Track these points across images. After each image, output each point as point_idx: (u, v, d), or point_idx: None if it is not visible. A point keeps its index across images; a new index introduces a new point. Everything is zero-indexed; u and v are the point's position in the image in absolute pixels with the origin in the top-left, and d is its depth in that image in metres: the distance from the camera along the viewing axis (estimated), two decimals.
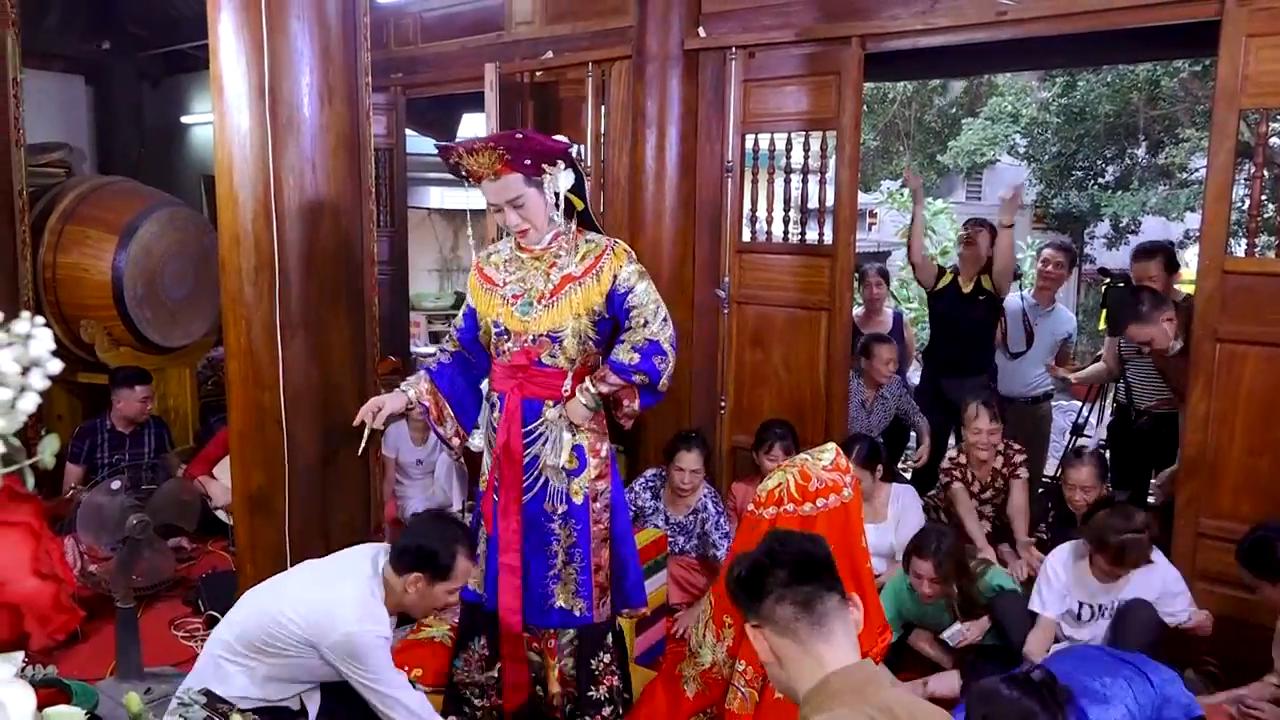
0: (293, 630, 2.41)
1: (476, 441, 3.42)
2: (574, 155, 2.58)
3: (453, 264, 11.96)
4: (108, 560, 3.63)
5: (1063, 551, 3.35)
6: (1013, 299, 4.88)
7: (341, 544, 2.95)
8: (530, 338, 2.66)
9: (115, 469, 4.40)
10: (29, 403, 0.58)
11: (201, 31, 3.23)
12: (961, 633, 3.35)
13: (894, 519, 3.88)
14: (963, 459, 4.15)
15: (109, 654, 3.42)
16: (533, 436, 2.72)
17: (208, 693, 1.72)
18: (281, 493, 3.23)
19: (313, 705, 2.51)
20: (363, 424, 2.74)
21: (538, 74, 5.29)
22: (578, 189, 2.65)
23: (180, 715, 1.54)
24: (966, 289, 4.75)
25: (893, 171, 13.63)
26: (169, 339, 5.43)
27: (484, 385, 2.95)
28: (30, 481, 0.64)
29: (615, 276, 2.63)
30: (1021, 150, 12.68)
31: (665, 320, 2.66)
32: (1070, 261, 5.08)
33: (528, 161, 2.52)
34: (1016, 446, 4.11)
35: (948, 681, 3.29)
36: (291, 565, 3.18)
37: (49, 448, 0.62)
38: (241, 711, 1.78)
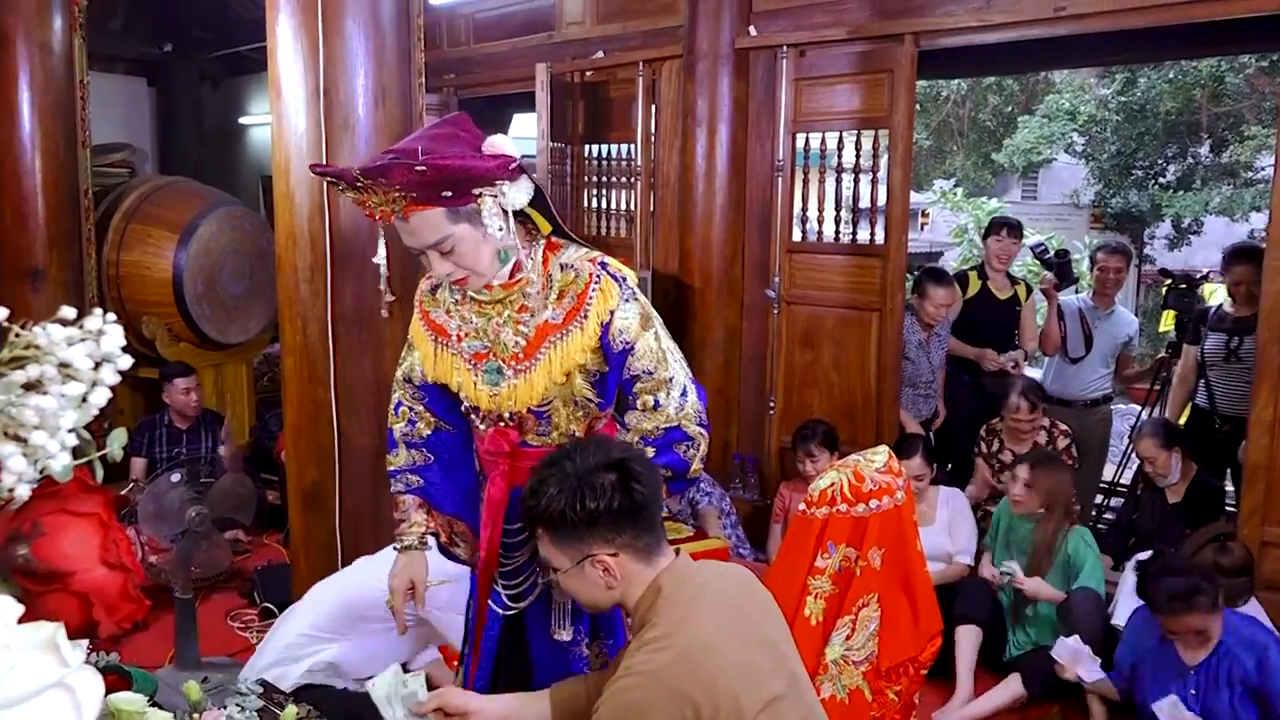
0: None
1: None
2: (514, 163, 1.71)
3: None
4: (167, 551, 3.71)
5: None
6: (1070, 301, 4.78)
7: (391, 539, 2.98)
8: (506, 416, 1.91)
9: (176, 462, 4.50)
10: (100, 397, 0.59)
11: (260, 34, 3.29)
12: (1013, 571, 3.37)
13: (945, 522, 3.83)
14: (1000, 426, 4.23)
15: (168, 643, 3.49)
16: (524, 536, 1.95)
17: (264, 683, 1.76)
18: (333, 488, 3.28)
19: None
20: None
21: (588, 74, 5.31)
22: (538, 202, 1.83)
23: (237, 704, 1.57)
24: (1003, 295, 4.70)
25: (945, 171, 13.46)
26: (226, 335, 5.55)
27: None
28: (100, 474, 0.66)
29: (606, 325, 1.81)
30: (1079, 149, 12.45)
31: (685, 390, 1.87)
32: (1127, 263, 4.96)
33: (447, 194, 1.70)
34: (1063, 428, 4.16)
35: (1011, 689, 3.25)
36: (342, 559, 3.23)
37: (117, 440, 0.64)
38: (297, 702, 1.81)
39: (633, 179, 5.18)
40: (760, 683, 1.47)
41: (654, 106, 4.95)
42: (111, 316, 0.59)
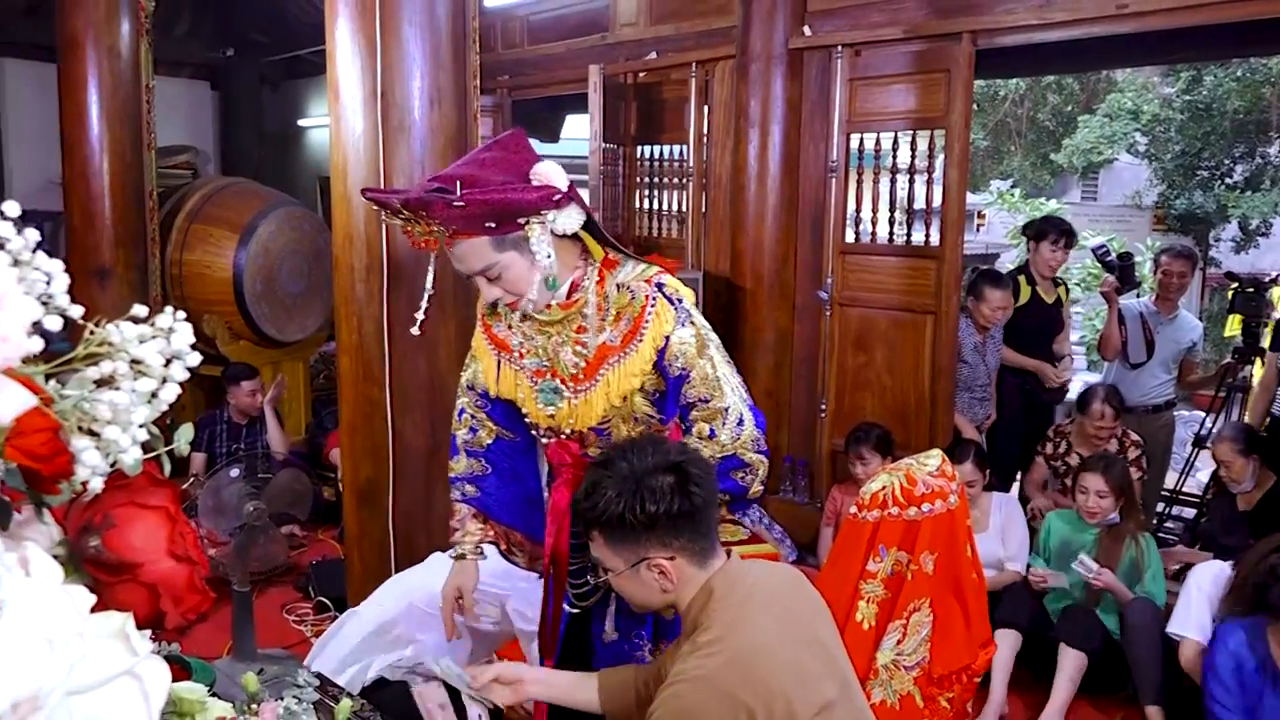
0: (486, 589, 2.44)
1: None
2: (564, 194, 1.68)
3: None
4: (225, 545, 3.79)
5: (1207, 571, 3.14)
6: (1131, 305, 4.68)
7: (443, 536, 3.01)
8: (566, 432, 1.92)
9: (235, 458, 4.60)
10: (170, 393, 0.61)
11: (319, 37, 3.35)
12: (1093, 568, 3.29)
13: (998, 528, 3.77)
14: (1069, 427, 4.13)
15: (225, 634, 3.55)
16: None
17: (320, 676, 1.79)
18: (387, 485, 3.32)
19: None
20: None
21: (641, 75, 5.31)
22: (589, 227, 1.80)
23: (294, 696, 1.60)
24: (1049, 299, 4.61)
25: (1003, 171, 13.24)
26: (284, 333, 5.65)
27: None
28: (168, 468, 0.67)
29: (661, 350, 1.79)
30: (1142, 148, 12.16)
31: (741, 419, 1.84)
32: (1192, 267, 4.83)
33: (490, 224, 1.68)
34: (1135, 438, 4.07)
35: (1069, 659, 3.19)
36: (395, 556, 3.27)
37: (184, 436, 0.66)
38: (352, 696, 1.84)
39: (685, 180, 5.17)
40: (813, 686, 1.46)
41: (707, 107, 4.94)
42: (181, 314, 0.61)
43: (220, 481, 3.67)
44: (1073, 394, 4.77)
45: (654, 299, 1.79)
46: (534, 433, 1.99)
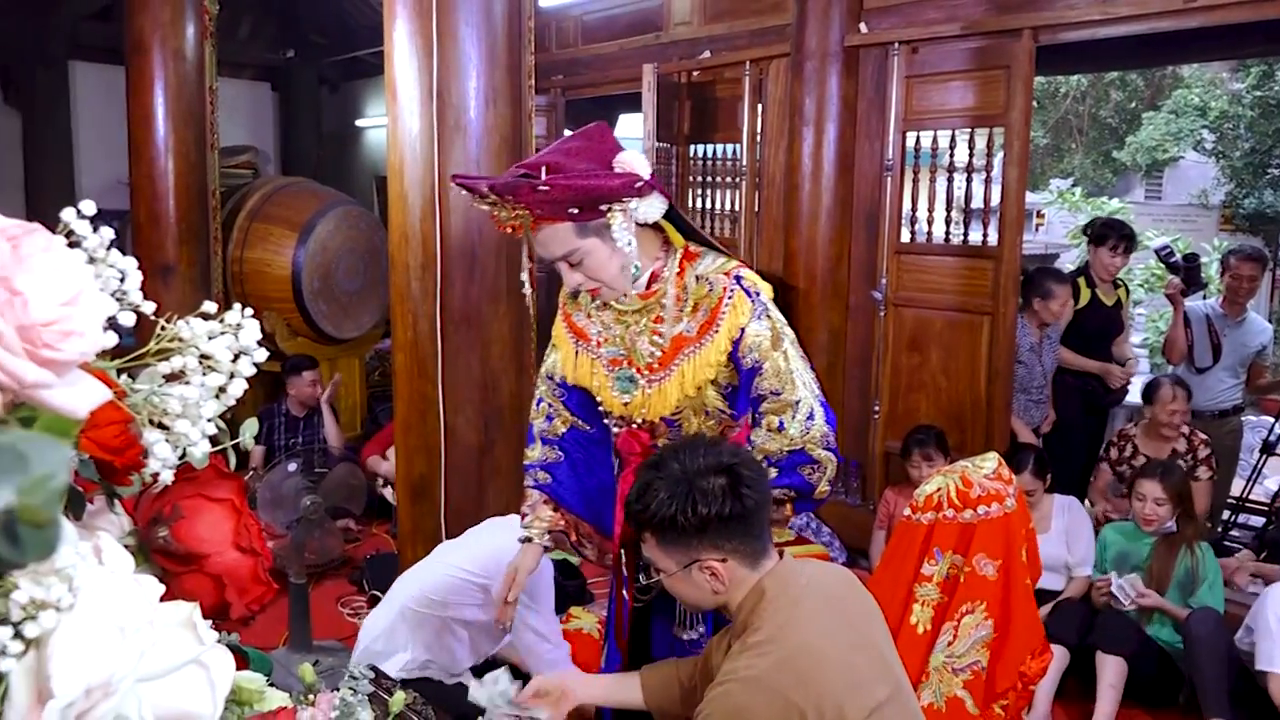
0: (470, 580, 2.50)
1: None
2: (645, 185, 1.71)
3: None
4: (283, 538, 3.86)
5: None
6: (1196, 307, 4.56)
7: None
8: (638, 421, 1.94)
9: (292, 451, 4.68)
10: (238, 387, 0.62)
11: (377, 39, 3.40)
12: (1134, 586, 3.21)
13: (1060, 531, 3.68)
14: (1134, 430, 4.02)
15: (281, 626, 3.64)
16: None
17: (374, 668, 1.82)
18: (439, 481, 3.36)
19: None
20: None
21: (694, 74, 5.30)
22: (671, 216, 1.86)
23: (350, 688, 1.62)
24: (1109, 301, 4.51)
25: (1062, 170, 12.98)
26: (341, 330, 5.75)
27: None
28: (234, 461, 0.69)
29: (736, 342, 1.81)
30: (1209, 146, 11.84)
31: (812, 414, 1.83)
32: (1262, 269, 4.69)
33: (574, 210, 1.72)
34: (1203, 437, 3.96)
35: (1109, 666, 3.11)
36: None
37: (249, 430, 0.67)
38: (405, 688, 1.87)
39: (738, 179, 5.16)
40: (864, 689, 1.45)
41: (760, 106, 4.92)
42: (249, 311, 0.62)
43: (278, 475, 3.74)
44: (1133, 398, 4.67)
45: (731, 291, 1.81)
46: (606, 421, 2.01)
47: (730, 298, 1.81)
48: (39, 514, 0.35)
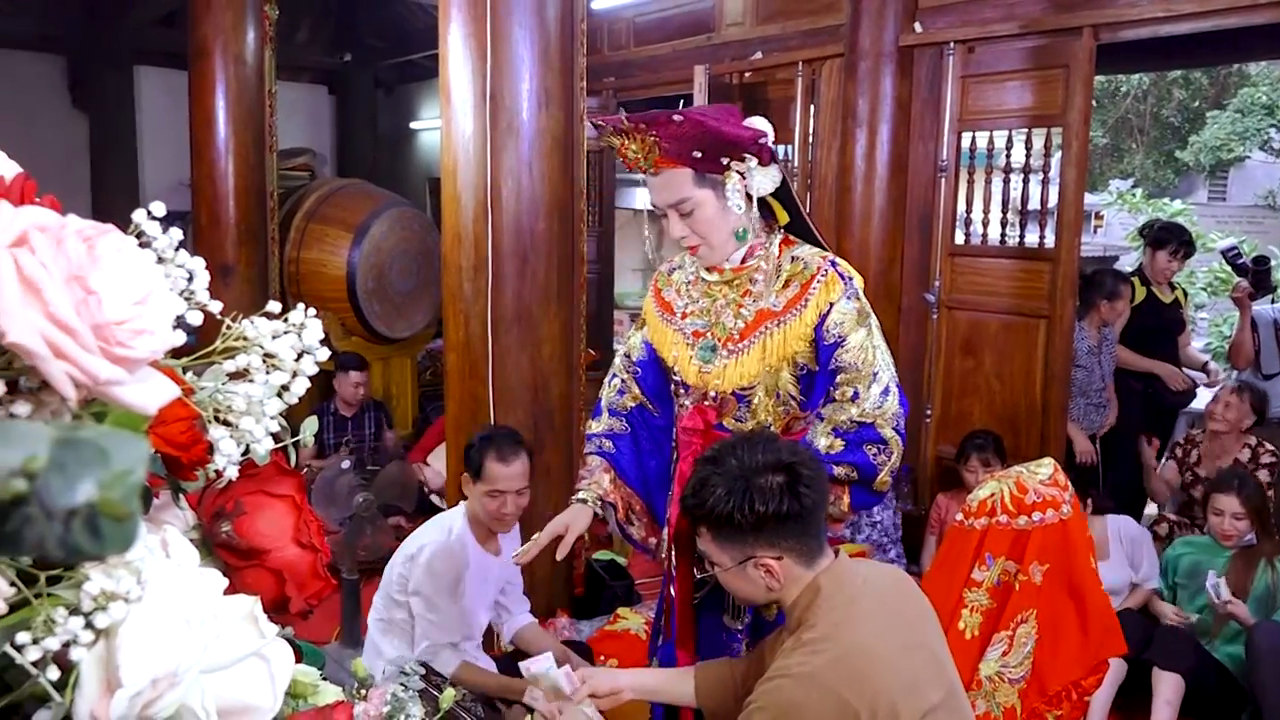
0: (400, 572, 2.56)
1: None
2: (769, 146, 1.82)
3: (657, 264, 12.17)
4: (335, 534, 3.93)
5: None
6: (1264, 311, 4.43)
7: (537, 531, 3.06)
8: (710, 395, 1.95)
9: (344, 448, 4.75)
10: (300, 386, 0.63)
11: (432, 42, 3.43)
12: (1224, 593, 3.09)
13: (1123, 557, 3.52)
14: (1199, 435, 3.95)
15: (333, 621, 3.69)
16: None
17: (425, 664, 1.84)
18: None
19: None
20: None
21: (746, 75, 5.28)
22: (782, 195, 1.94)
23: (401, 683, 1.64)
24: (1167, 300, 4.40)
25: (1122, 170, 12.70)
26: (393, 330, 5.82)
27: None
28: (293, 458, 0.70)
29: (824, 315, 1.86)
30: (1277, 145, 11.51)
31: (887, 390, 1.86)
32: None
33: (697, 154, 1.78)
34: (1270, 447, 3.85)
35: (1165, 682, 3.02)
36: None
37: (309, 428, 0.68)
38: (454, 686, 1.89)
39: (789, 180, 5.12)
40: (918, 691, 1.43)
41: (813, 107, 4.88)
42: (312, 311, 0.63)
43: (331, 473, 3.81)
44: (1199, 403, 4.55)
45: (825, 270, 1.88)
46: (679, 397, 2.03)
47: (824, 276, 1.87)
48: (119, 508, 0.36)
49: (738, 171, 1.79)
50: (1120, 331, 4.36)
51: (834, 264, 1.90)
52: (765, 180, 1.83)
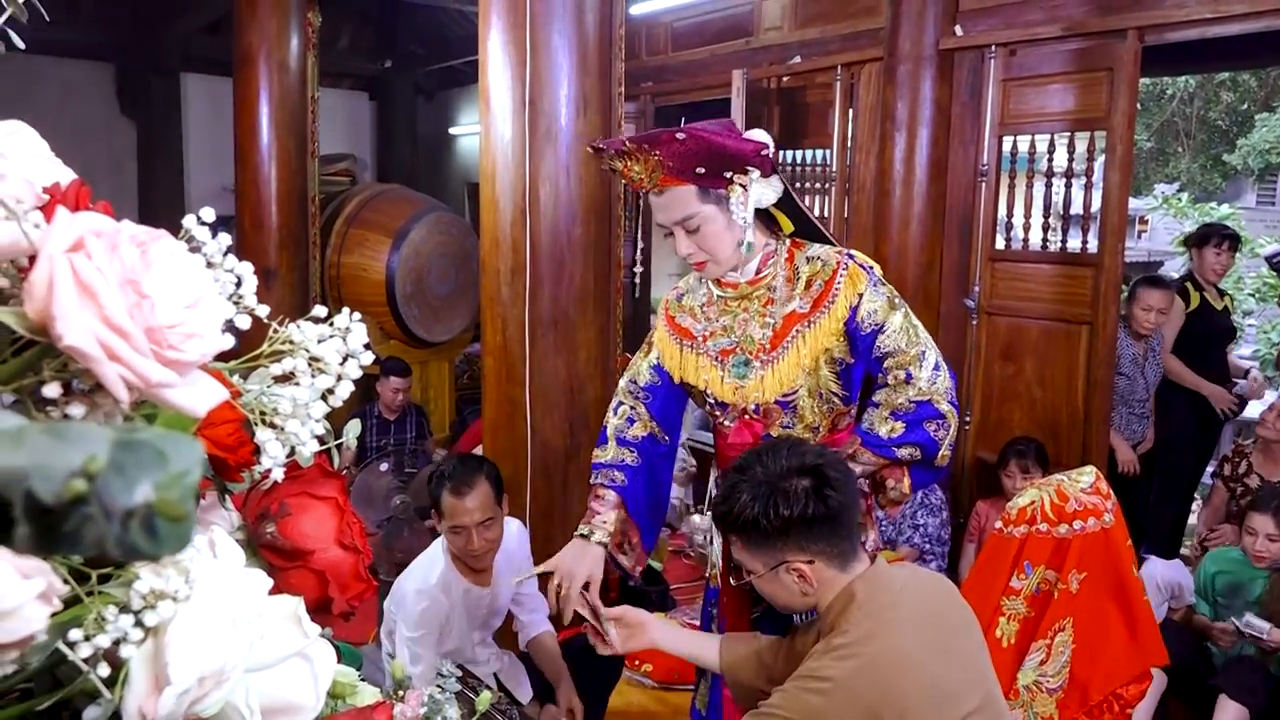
0: (390, 613, 2.53)
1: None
2: (770, 157, 1.82)
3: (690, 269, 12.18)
4: (373, 536, 3.97)
5: None
6: None
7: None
8: (751, 408, 1.95)
9: (384, 451, 4.80)
10: (345, 389, 0.64)
11: (471, 48, 3.46)
12: (1262, 629, 2.98)
13: (1160, 599, 3.40)
14: (1249, 447, 3.89)
15: (371, 622, 3.72)
16: None
17: (462, 668, 1.85)
18: (525, 483, 3.40)
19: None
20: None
21: (784, 79, 5.27)
22: (785, 204, 1.93)
23: (438, 685, 1.66)
24: (1219, 306, 4.33)
25: (1168, 174, 12.49)
26: (432, 334, 5.87)
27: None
28: (336, 461, 0.71)
29: (854, 308, 1.86)
30: None
31: (938, 366, 1.88)
32: None
33: (700, 170, 1.80)
34: None
35: (1228, 712, 2.95)
36: (532, 553, 3.36)
37: (352, 431, 0.69)
38: (490, 689, 1.90)
39: (827, 184, 5.10)
40: (952, 699, 1.42)
41: (851, 111, 4.85)
42: (357, 316, 0.64)
43: (370, 475, 3.85)
44: (1252, 412, 4.46)
45: (845, 264, 1.88)
46: (717, 415, 2.01)
47: (845, 270, 1.87)
48: (175, 509, 0.37)
49: (740, 184, 1.80)
50: (1175, 339, 4.29)
51: (851, 256, 1.91)
52: (768, 191, 1.84)
